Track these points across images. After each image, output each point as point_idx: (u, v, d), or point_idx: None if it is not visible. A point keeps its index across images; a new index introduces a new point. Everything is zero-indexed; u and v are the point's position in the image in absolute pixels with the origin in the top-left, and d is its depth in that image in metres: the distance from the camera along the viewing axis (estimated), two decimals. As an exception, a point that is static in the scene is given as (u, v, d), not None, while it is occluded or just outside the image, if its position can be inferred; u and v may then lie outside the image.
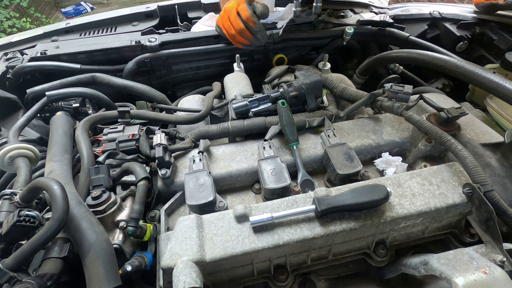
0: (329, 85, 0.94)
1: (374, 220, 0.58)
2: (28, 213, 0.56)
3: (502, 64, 0.96)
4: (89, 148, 0.75)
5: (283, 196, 0.66)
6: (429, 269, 0.53)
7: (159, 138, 0.75)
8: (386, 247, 0.65)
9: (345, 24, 1.28)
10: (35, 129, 1.02)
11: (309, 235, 0.57)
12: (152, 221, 0.74)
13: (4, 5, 4.36)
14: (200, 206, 0.65)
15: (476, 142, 0.76)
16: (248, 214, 0.59)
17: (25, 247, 0.52)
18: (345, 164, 0.69)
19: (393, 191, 0.62)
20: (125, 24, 1.41)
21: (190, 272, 0.50)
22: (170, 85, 1.35)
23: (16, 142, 0.79)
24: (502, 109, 0.94)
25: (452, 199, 0.61)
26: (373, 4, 1.46)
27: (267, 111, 0.85)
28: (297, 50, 1.35)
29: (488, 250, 0.60)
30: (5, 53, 1.22)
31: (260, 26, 1.06)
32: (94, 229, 0.57)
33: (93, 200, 0.64)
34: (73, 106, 0.94)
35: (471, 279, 0.46)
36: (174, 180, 0.75)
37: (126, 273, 0.58)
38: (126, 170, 0.74)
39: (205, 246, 0.55)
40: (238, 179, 0.76)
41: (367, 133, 0.81)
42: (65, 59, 1.14)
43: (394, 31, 1.23)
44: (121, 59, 1.18)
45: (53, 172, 0.68)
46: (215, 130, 0.83)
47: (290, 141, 0.75)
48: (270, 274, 0.63)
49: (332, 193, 0.61)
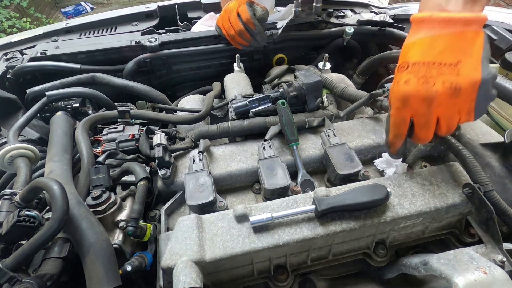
0: (329, 85, 0.94)
1: (374, 220, 0.58)
2: (28, 213, 0.56)
3: (502, 64, 0.96)
4: (89, 148, 0.75)
5: (283, 196, 0.66)
6: (429, 269, 0.53)
7: (159, 138, 0.75)
8: (386, 247, 0.65)
9: (345, 24, 1.28)
10: (35, 129, 1.02)
11: (309, 235, 0.57)
12: (152, 221, 0.74)
13: (4, 5, 4.36)
14: (200, 206, 0.65)
15: (476, 142, 0.76)
16: (248, 214, 0.59)
17: (25, 247, 0.52)
18: (345, 164, 0.69)
19: (393, 191, 0.62)
20: (125, 24, 1.41)
21: (190, 272, 0.50)
22: (170, 85, 1.35)
23: (16, 142, 0.79)
24: (502, 109, 0.94)
25: (452, 199, 0.61)
26: (373, 4, 1.46)
27: (267, 111, 0.85)
28: (297, 50, 1.35)
29: (488, 250, 0.60)
30: (5, 53, 1.22)
31: (260, 28, 1.06)
32: (94, 229, 0.57)
33: (93, 200, 0.64)
34: (73, 106, 0.94)
35: (471, 279, 0.46)
36: (174, 180, 0.75)
37: (126, 273, 0.58)
38: (126, 170, 0.74)
39: (205, 246, 0.55)
40: (238, 179, 0.76)
41: (367, 133, 0.81)
42: (65, 59, 1.14)
43: (394, 31, 1.23)
44: (121, 59, 1.18)
45: (53, 172, 0.68)
46: (215, 130, 0.83)
47: (290, 141, 0.75)
48: (270, 274, 0.63)
49: (332, 193, 0.61)
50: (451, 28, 0.52)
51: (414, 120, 0.57)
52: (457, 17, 0.51)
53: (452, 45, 0.52)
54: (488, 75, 0.51)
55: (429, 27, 0.54)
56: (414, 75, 0.54)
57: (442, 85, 0.51)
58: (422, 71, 0.53)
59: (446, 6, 0.53)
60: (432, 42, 0.53)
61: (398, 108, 0.57)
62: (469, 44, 0.51)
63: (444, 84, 0.51)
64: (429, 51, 0.53)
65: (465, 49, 0.51)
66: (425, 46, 0.54)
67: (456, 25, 0.52)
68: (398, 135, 0.60)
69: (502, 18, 1.16)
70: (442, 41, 0.52)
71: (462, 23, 0.51)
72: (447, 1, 0.53)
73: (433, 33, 0.53)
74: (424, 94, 0.53)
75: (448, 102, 0.53)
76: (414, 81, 0.53)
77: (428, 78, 0.52)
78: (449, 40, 0.52)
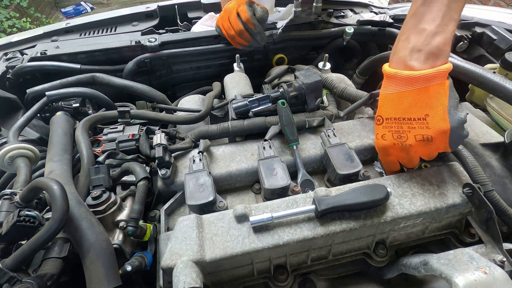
0: (329, 85, 0.94)
1: (374, 220, 0.58)
2: (28, 213, 0.56)
3: (502, 64, 0.96)
4: (89, 148, 0.75)
5: (283, 196, 0.66)
6: (429, 269, 0.53)
7: (159, 138, 0.75)
8: (386, 247, 0.65)
9: (345, 24, 1.28)
10: (35, 129, 1.01)
11: (309, 235, 0.57)
12: (152, 221, 0.74)
13: (4, 5, 4.36)
14: (200, 206, 0.65)
15: (476, 142, 0.76)
16: (248, 214, 0.59)
17: (25, 247, 0.52)
18: (345, 164, 0.69)
19: (393, 191, 0.62)
20: (125, 24, 1.41)
21: (190, 272, 0.50)
22: (170, 85, 1.35)
23: (16, 142, 0.79)
24: (502, 109, 0.94)
25: (452, 199, 0.61)
26: (373, 4, 1.46)
27: (267, 111, 0.85)
28: (297, 50, 1.35)
29: (488, 250, 0.60)
30: (5, 53, 1.22)
31: (260, 28, 1.06)
32: (94, 229, 0.57)
33: (93, 200, 0.64)
34: (73, 106, 0.94)
35: (471, 279, 0.46)
36: (174, 180, 0.75)
37: (126, 273, 0.58)
38: (126, 170, 0.74)
39: (205, 246, 0.55)
40: (238, 179, 0.76)
41: (367, 133, 0.81)
42: (65, 59, 1.14)
43: (394, 31, 1.23)
44: (121, 59, 1.17)
45: (53, 172, 0.68)
46: (215, 130, 0.83)
47: (290, 141, 0.75)
48: (270, 274, 0.63)
49: (332, 193, 0.61)
50: (414, 85, 0.55)
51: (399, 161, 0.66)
52: (417, 76, 0.55)
53: (418, 100, 0.56)
54: (457, 122, 0.55)
55: (396, 83, 0.58)
56: (388, 130, 0.60)
57: (414, 138, 0.57)
58: (394, 127, 0.59)
59: (409, 62, 0.56)
60: (400, 98, 0.57)
61: (384, 156, 0.67)
62: (433, 97, 0.55)
63: (416, 137, 0.57)
64: (398, 107, 0.58)
65: (430, 103, 0.55)
66: (394, 102, 0.58)
67: (418, 82, 0.55)
68: (393, 171, 0.69)
69: (502, 18, 1.16)
70: (408, 98, 0.56)
71: (424, 80, 0.55)
72: (410, 57, 0.56)
73: (399, 89, 0.57)
74: (399, 147, 0.60)
75: (424, 149, 0.59)
76: (389, 136, 0.60)
77: (400, 134, 0.59)
78: (414, 96, 0.56)
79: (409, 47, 0.57)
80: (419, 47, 0.56)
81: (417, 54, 0.56)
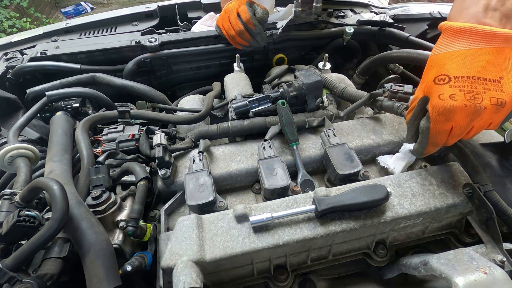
0: (329, 85, 0.94)
1: (374, 220, 0.58)
2: (28, 213, 0.56)
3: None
4: (89, 148, 0.75)
5: (283, 196, 0.66)
6: (429, 269, 0.53)
7: (159, 138, 0.75)
8: (386, 247, 0.65)
9: (345, 24, 1.28)
10: (35, 129, 1.01)
11: (309, 235, 0.57)
12: (152, 221, 0.74)
13: (4, 5, 4.37)
14: (200, 206, 0.65)
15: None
16: (248, 214, 0.59)
17: (25, 247, 0.52)
18: (345, 164, 0.69)
19: (393, 191, 0.62)
20: (125, 24, 1.41)
21: (190, 272, 0.50)
22: (170, 85, 1.35)
23: (16, 142, 0.79)
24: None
25: (452, 199, 0.61)
26: (373, 4, 1.46)
27: (267, 111, 0.85)
28: (297, 50, 1.35)
29: (488, 250, 0.60)
30: (5, 53, 1.22)
31: (260, 28, 1.06)
32: (94, 229, 0.57)
33: (93, 200, 0.64)
34: (73, 106, 0.94)
35: (471, 279, 0.46)
36: (174, 180, 0.75)
37: (126, 273, 0.58)
38: (126, 170, 0.74)
39: (205, 246, 0.55)
40: (238, 179, 0.76)
41: (367, 133, 0.81)
42: (65, 59, 1.14)
43: (394, 31, 1.23)
44: (121, 59, 1.17)
45: (53, 172, 0.68)
46: (215, 130, 0.83)
47: (290, 141, 0.75)
48: (270, 274, 0.63)
49: (332, 193, 0.61)
50: (493, 43, 0.51)
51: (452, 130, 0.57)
52: (499, 33, 0.51)
53: (495, 61, 0.52)
54: None
55: (469, 40, 0.53)
56: (459, 90, 0.53)
57: (489, 101, 0.51)
58: (467, 86, 0.52)
59: (483, 19, 0.52)
60: (475, 56, 0.52)
61: (441, 122, 0.56)
62: (507, 60, 0.52)
63: (491, 100, 0.52)
64: (473, 64, 0.52)
65: (505, 66, 0.52)
66: (467, 59, 0.53)
67: (497, 41, 0.51)
68: (437, 145, 0.60)
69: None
70: (485, 56, 0.52)
71: (503, 39, 0.51)
72: (485, 14, 0.53)
73: (475, 45, 0.52)
74: (472, 110, 0.52)
75: (489, 116, 0.53)
76: (461, 96, 0.52)
77: (474, 94, 0.52)
78: (492, 55, 0.52)
79: (483, 3, 0.53)
80: (494, 6, 0.52)
81: (492, 12, 0.52)
